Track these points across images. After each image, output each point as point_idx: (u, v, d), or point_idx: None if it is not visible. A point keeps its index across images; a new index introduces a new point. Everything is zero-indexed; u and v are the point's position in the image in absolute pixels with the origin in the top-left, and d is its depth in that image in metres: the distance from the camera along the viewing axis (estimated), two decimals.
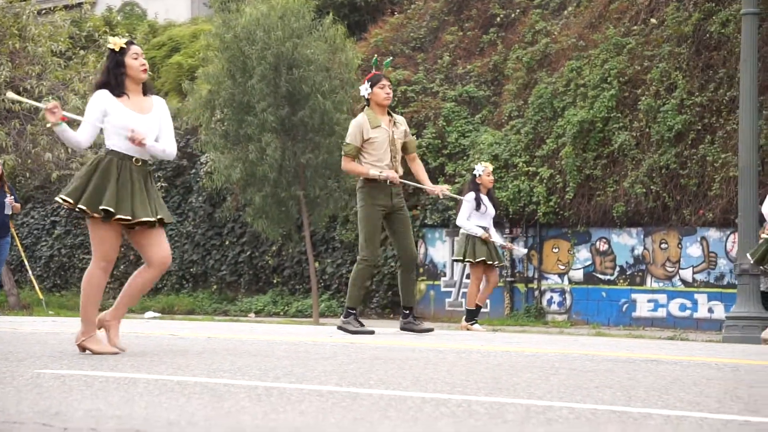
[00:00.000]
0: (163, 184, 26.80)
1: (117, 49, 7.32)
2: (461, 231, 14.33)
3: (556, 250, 20.70)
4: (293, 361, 6.25)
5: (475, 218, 14.16)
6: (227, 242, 25.88)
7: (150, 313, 23.42)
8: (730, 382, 5.65)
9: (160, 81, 29.21)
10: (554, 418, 3.98)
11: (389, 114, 10.55)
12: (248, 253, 25.45)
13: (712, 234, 18.96)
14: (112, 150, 7.26)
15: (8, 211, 16.68)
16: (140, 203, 7.19)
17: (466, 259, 14.15)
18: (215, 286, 25.87)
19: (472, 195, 14.19)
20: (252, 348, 7.47)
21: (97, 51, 24.94)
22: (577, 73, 20.92)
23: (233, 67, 21.36)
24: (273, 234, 22.23)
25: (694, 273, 19.10)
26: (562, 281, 20.72)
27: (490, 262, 14.11)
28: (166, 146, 7.40)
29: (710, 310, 18.88)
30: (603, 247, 19.95)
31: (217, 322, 17.84)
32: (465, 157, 21.51)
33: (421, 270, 22.38)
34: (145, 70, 7.36)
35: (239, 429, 3.60)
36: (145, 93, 7.44)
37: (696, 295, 19.03)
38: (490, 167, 14.59)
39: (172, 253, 7.34)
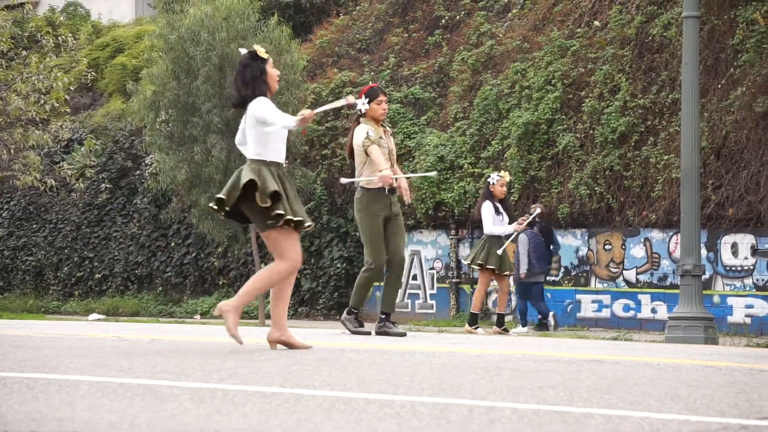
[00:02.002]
0: (107, 186, 26.64)
1: (265, 57, 7.72)
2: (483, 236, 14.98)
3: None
4: (238, 362, 6.24)
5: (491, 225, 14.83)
6: (173, 244, 25.76)
7: (94, 315, 23.27)
8: (671, 381, 5.71)
9: (104, 82, 29.01)
10: (497, 418, 4.00)
11: (382, 126, 10.81)
12: (194, 254, 25.35)
13: (655, 235, 19.12)
14: (268, 159, 7.58)
15: None
16: (298, 206, 7.60)
17: (477, 263, 14.67)
18: (160, 288, 25.74)
19: (489, 204, 14.80)
20: (196, 349, 7.45)
21: (40, 51, 24.72)
22: (521, 75, 21.02)
23: (178, 68, 21.26)
24: (219, 235, 22.15)
25: (637, 274, 19.25)
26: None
27: (498, 272, 14.63)
28: (275, 120, 7.62)
29: (653, 311, 19.03)
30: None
31: (162, 323, 17.75)
32: (411, 159, 21.55)
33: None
34: (277, 81, 7.83)
35: (182, 431, 3.59)
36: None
37: (639, 296, 19.17)
38: (506, 178, 15.01)
39: (117, 255, 7.36)
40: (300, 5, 26.29)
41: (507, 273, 14.90)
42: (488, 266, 14.71)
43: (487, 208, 14.85)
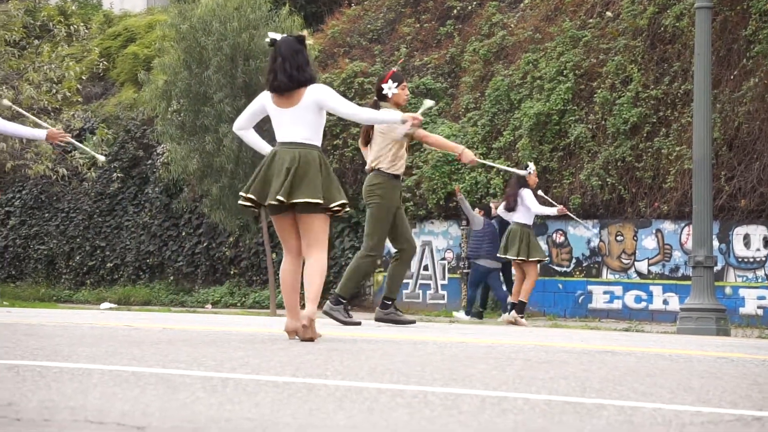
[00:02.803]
0: (119, 175, 26.67)
1: (310, 43, 7.73)
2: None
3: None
4: (249, 352, 6.24)
5: (526, 214, 15.12)
6: (184, 233, 25.79)
7: (106, 304, 23.32)
8: (683, 372, 5.70)
9: (115, 71, 29.03)
10: (509, 408, 4.00)
11: None
12: (205, 244, 25.38)
13: (667, 226, 19.08)
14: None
15: None
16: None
17: (537, 258, 15.23)
18: (172, 277, 25.77)
19: (528, 190, 15.44)
20: (208, 339, 7.46)
21: (52, 41, 24.75)
22: (533, 65, 20.99)
23: (189, 58, 21.28)
24: (230, 225, 22.17)
25: (649, 265, 19.22)
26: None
27: (522, 258, 14.97)
28: (357, 112, 7.85)
29: (665, 302, 19.00)
30: (559, 239, 20.03)
31: (173, 313, 17.78)
32: (422, 150, 21.53)
33: (379, 262, 22.37)
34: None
35: (194, 420, 3.59)
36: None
37: (651, 287, 19.14)
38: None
39: (129, 244, 7.34)
40: None
41: (530, 259, 15.23)
42: (507, 257, 15.29)
43: (528, 193, 15.42)
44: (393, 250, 10.77)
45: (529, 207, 15.43)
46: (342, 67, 23.64)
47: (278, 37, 7.62)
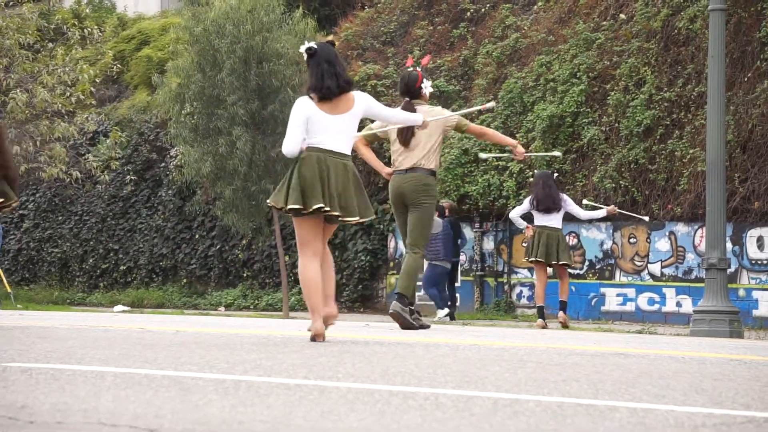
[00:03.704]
0: (132, 178, 26.73)
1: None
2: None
3: (525, 244, 20.76)
4: (262, 354, 6.25)
5: (559, 216, 15.15)
6: (197, 236, 25.83)
7: (119, 307, 23.37)
8: (695, 375, 5.69)
9: (129, 74, 29.10)
10: (521, 410, 4.00)
11: None
12: (218, 246, 25.42)
13: (680, 228, 19.05)
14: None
15: None
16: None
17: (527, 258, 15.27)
18: (185, 280, 25.81)
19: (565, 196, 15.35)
20: (220, 341, 7.47)
21: (66, 44, 24.81)
22: (546, 68, 20.98)
23: (203, 61, 21.31)
24: (243, 228, 22.19)
25: (662, 267, 19.19)
26: (532, 275, 20.75)
27: (552, 261, 14.94)
28: (394, 114, 8.13)
29: (678, 304, 18.97)
30: (572, 241, 20.00)
31: (186, 315, 17.81)
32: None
33: (391, 264, 22.40)
34: None
35: (206, 422, 3.60)
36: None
37: (664, 289, 19.12)
38: None
39: (142, 247, 7.38)
40: None
41: (556, 262, 15.15)
42: (532, 259, 15.17)
43: (569, 198, 15.37)
44: (403, 249, 10.82)
45: (577, 213, 15.33)
46: (355, 69, 23.66)
47: (315, 45, 7.66)
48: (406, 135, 10.57)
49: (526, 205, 15.25)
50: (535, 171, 17.26)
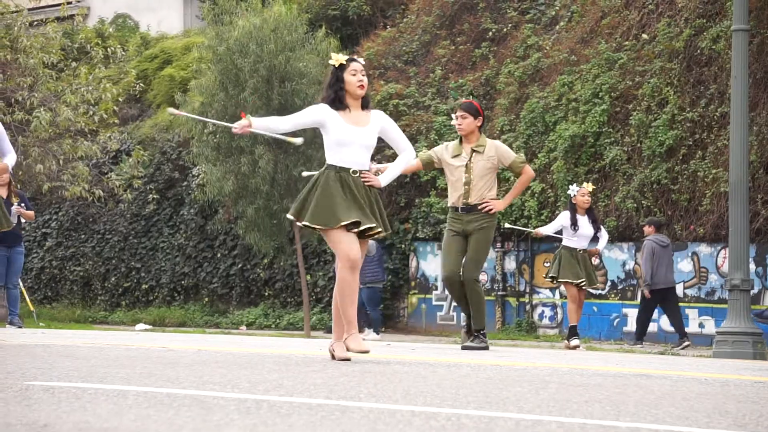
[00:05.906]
0: (154, 196, 26.80)
1: (337, 65, 7.76)
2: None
3: (548, 264, 20.72)
4: (283, 373, 6.25)
5: (567, 236, 14.83)
6: (219, 255, 25.86)
7: (141, 326, 23.39)
8: (719, 397, 5.66)
9: (152, 93, 29.21)
10: None
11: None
12: (240, 265, 25.44)
13: (703, 249, 18.98)
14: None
15: (14, 220, 15.72)
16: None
17: (550, 275, 15.04)
18: (207, 299, 25.84)
19: (567, 214, 15.03)
20: (242, 360, 7.47)
21: (89, 63, 24.93)
22: (568, 87, 20.96)
23: (226, 80, 21.37)
24: (265, 247, 22.21)
25: (685, 288, 19.11)
26: (554, 295, 20.73)
27: (576, 282, 14.76)
28: (406, 148, 8.06)
29: (701, 325, 18.89)
30: (594, 261, 19.93)
31: (208, 334, 17.82)
32: None
33: (413, 284, 22.39)
34: (362, 86, 7.77)
35: None
36: (364, 107, 7.85)
37: (687, 310, 19.03)
38: (587, 188, 15.05)
39: (164, 265, 7.42)
40: (347, 17, 26.36)
41: (584, 285, 15.10)
42: (561, 280, 15.11)
43: (561, 219, 15.17)
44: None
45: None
46: (377, 89, 23.68)
47: (344, 58, 7.82)
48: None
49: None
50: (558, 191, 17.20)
